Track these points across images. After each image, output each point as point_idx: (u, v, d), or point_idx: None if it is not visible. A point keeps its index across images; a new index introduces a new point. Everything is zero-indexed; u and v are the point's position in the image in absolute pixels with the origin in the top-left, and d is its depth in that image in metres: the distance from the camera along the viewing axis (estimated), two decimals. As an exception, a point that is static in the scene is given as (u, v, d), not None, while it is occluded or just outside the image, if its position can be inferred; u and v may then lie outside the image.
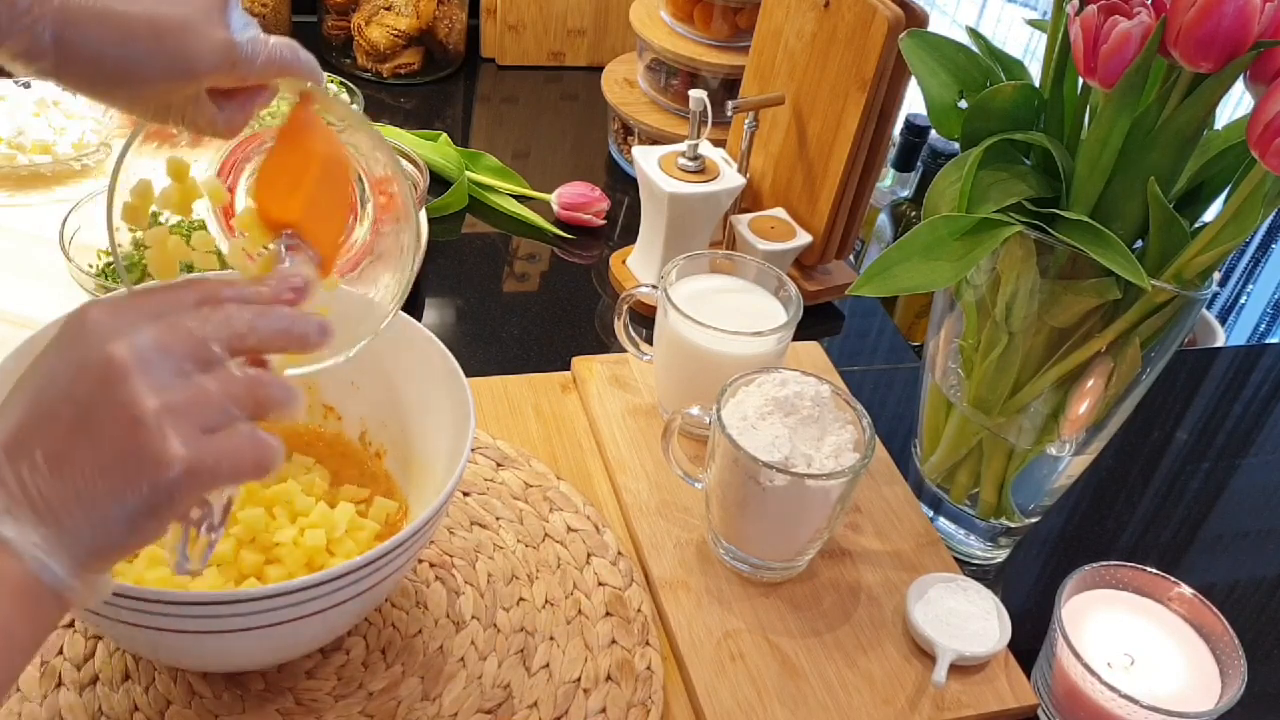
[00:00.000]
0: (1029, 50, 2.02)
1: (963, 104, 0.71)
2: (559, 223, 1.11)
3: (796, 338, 0.85)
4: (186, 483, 0.42)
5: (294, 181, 0.55)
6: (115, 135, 1.06)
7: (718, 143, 1.04)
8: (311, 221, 0.55)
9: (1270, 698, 0.78)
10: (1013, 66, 0.72)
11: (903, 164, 1.39)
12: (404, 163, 1.02)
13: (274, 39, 0.54)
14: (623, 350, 0.89)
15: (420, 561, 0.73)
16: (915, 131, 1.36)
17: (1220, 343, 1.45)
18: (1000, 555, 0.84)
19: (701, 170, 0.97)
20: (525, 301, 1.03)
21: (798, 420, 0.72)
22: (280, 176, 0.56)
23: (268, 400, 0.46)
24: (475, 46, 1.37)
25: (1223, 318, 2.05)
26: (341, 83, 1.12)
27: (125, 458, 0.42)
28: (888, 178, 1.42)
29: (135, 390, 0.42)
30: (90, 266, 0.87)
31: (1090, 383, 0.71)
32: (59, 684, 0.63)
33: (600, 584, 0.73)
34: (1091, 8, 0.61)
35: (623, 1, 1.33)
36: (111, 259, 0.87)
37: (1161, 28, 0.59)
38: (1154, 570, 0.74)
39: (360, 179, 0.60)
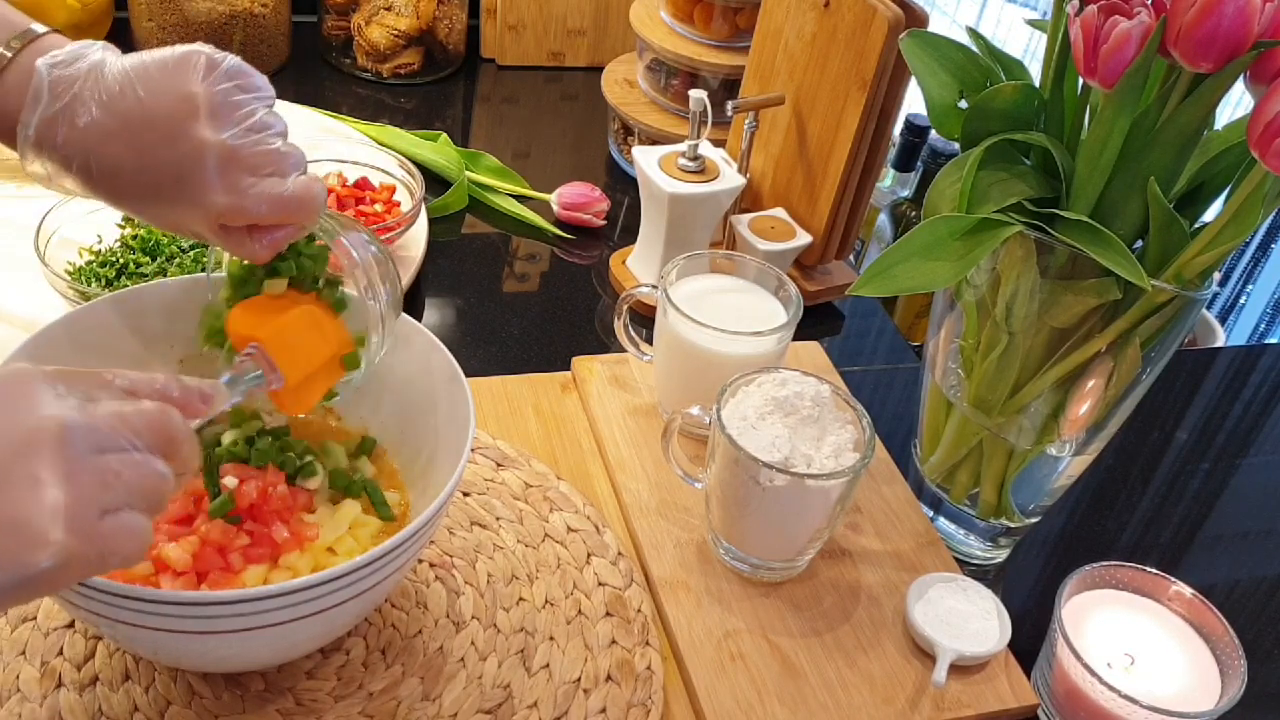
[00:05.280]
0: (1029, 50, 2.02)
1: (963, 104, 0.71)
2: (559, 223, 1.11)
3: (796, 338, 0.85)
4: (59, 573, 0.42)
5: (271, 310, 0.62)
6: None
7: (718, 143, 1.04)
8: (277, 342, 0.60)
9: (1270, 698, 0.78)
10: (1013, 66, 0.72)
11: (903, 164, 1.40)
12: (402, 169, 1.02)
13: (275, 184, 0.57)
14: (623, 350, 0.89)
15: (420, 561, 0.73)
16: (915, 131, 1.36)
17: (1220, 343, 1.45)
18: (1000, 555, 0.84)
19: (701, 170, 0.97)
20: (525, 301, 1.03)
21: (798, 420, 0.72)
22: (261, 305, 0.62)
23: (163, 496, 0.46)
24: (475, 46, 1.37)
25: (1223, 318, 2.05)
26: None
27: (7, 527, 0.41)
28: (888, 178, 1.42)
29: (46, 462, 0.42)
30: (69, 264, 0.87)
31: (1090, 383, 0.71)
32: (59, 684, 0.63)
33: (600, 584, 0.73)
34: (1091, 8, 0.61)
35: (623, 1, 1.33)
36: (90, 259, 0.89)
37: (1161, 28, 0.59)
38: (1154, 570, 0.74)
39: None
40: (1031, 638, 0.75)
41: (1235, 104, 0.68)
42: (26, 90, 0.56)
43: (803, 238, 1.01)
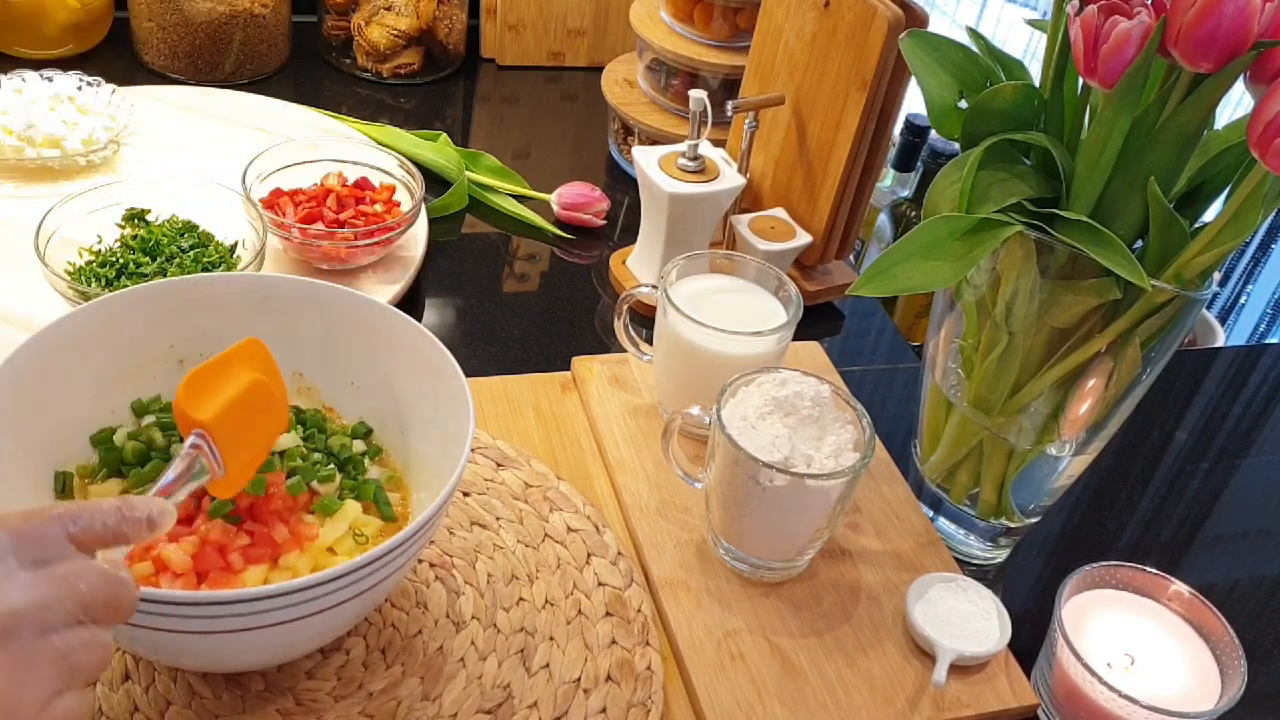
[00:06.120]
0: (1029, 50, 2.02)
1: (963, 104, 0.71)
2: (559, 223, 1.11)
3: (796, 338, 0.85)
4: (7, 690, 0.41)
5: (218, 387, 0.59)
6: (124, 133, 1.06)
7: (718, 143, 1.04)
8: (222, 430, 0.58)
9: (1270, 698, 0.78)
10: (1013, 66, 0.72)
11: (903, 164, 1.40)
12: (402, 169, 1.02)
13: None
14: (623, 350, 0.89)
15: (420, 561, 0.73)
16: (915, 131, 1.36)
17: (1220, 343, 1.45)
18: (1000, 555, 0.84)
19: (701, 170, 0.97)
20: (525, 301, 1.03)
21: (798, 420, 0.72)
22: (208, 382, 0.59)
23: (105, 667, 0.45)
24: (475, 46, 1.37)
25: (1223, 318, 2.05)
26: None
27: None
28: (888, 178, 1.42)
29: None
30: (69, 264, 0.87)
31: (1090, 383, 0.71)
32: (59, 684, 0.63)
33: (600, 584, 0.73)
34: (1091, 8, 0.61)
35: (623, 1, 1.33)
36: (90, 259, 0.88)
37: (1161, 28, 0.59)
38: (1154, 570, 0.74)
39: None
40: (1031, 638, 0.75)
41: (1235, 104, 0.68)
42: None
43: (803, 238, 1.01)
